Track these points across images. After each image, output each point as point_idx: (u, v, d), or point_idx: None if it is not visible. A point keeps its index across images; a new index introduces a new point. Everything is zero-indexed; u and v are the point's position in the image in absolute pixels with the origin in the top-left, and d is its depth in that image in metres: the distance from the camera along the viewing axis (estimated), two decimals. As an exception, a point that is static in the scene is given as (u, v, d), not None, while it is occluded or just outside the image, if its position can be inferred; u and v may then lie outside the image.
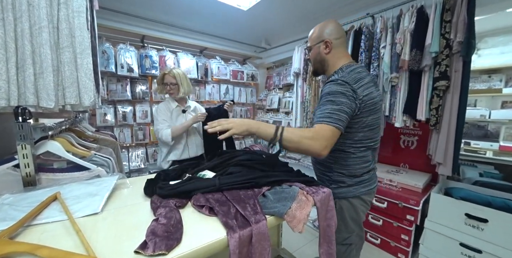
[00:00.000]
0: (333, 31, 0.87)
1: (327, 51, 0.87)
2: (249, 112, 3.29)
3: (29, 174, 0.78)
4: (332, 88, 0.77)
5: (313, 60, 0.94)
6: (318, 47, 0.89)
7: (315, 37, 0.90)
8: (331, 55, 0.88)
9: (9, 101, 0.78)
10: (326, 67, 0.91)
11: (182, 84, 1.48)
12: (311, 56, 0.95)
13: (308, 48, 0.95)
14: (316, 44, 0.89)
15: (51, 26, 0.84)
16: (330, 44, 0.86)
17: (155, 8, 2.11)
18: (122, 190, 0.73)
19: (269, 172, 0.75)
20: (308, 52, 0.96)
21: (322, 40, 0.87)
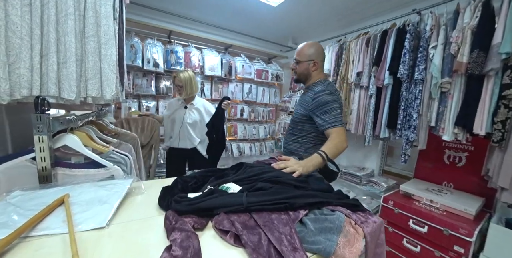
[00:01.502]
0: (320, 54, 1.14)
1: (314, 68, 1.12)
2: (272, 114, 3.17)
3: (44, 168, 0.74)
4: (327, 98, 1.03)
5: (299, 72, 1.16)
6: (307, 64, 1.12)
7: (306, 55, 1.12)
8: (315, 72, 1.14)
9: (31, 91, 0.74)
10: (309, 79, 1.16)
11: (185, 88, 1.68)
12: (298, 68, 1.16)
13: (296, 61, 1.16)
14: (306, 61, 1.12)
15: (77, 13, 0.79)
16: (317, 64, 1.12)
17: (184, 4, 2.08)
18: (135, 196, 0.65)
19: (306, 190, 0.63)
20: (296, 64, 1.17)
21: (312, 60, 1.11)
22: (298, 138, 1.13)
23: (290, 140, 1.17)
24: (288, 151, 1.18)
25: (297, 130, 1.13)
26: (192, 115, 1.76)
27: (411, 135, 1.57)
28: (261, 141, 3.12)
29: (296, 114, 1.13)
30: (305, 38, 2.74)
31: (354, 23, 2.15)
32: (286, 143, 1.21)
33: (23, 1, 0.70)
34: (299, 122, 1.12)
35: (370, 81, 1.83)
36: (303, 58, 1.12)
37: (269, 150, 3.18)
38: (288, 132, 1.21)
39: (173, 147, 1.79)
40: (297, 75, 1.17)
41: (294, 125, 1.16)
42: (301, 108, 1.11)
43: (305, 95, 1.13)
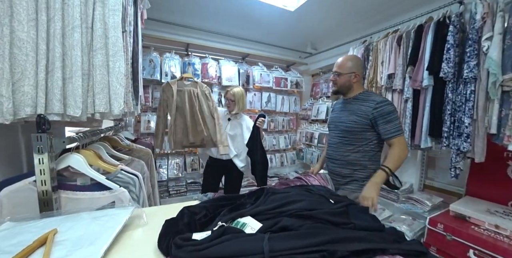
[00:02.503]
0: (360, 67, 1.18)
1: (355, 80, 1.16)
2: (292, 123, 3.00)
3: (45, 192, 0.68)
4: (390, 108, 1.07)
5: (341, 84, 1.18)
6: (349, 76, 1.16)
7: (347, 68, 1.16)
8: (356, 84, 1.18)
9: (36, 109, 0.70)
10: (350, 91, 1.19)
11: (238, 103, 1.72)
12: (339, 80, 1.18)
13: (337, 73, 1.18)
14: (348, 73, 1.15)
15: (84, 26, 0.75)
16: (358, 76, 1.16)
17: (200, 16, 2.09)
18: (134, 230, 0.54)
19: (347, 228, 0.47)
20: (336, 76, 1.18)
21: (353, 72, 1.15)
22: (358, 147, 1.13)
23: (347, 150, 1.15)
24: (346, 163, 1.15)
25: (356, 139, 1.13)
26: (233, 128, 1.79)
27: (463, 144, 1.31)
28: (282, 152, 2.96)
29: (351, 124, 1.12)
30: (326, 42, 2.60)
31: (381, 21, 1.96)
32: (341, 154, 1.17)
33: (29, 16, 0.67)
34: (359, 131, 1.12)
35: (404, 84, 1.61)
36: (344, 71, 1.16)
37: (291, 161, 2.99)
38: (339, 143, 1.18)
39: (211, 156, 1.83)
40: (338, 87, 1.20)
41: (350, 135, 1.14)
42: (359, 118, 1.11)
43: (355, 105, 1.14)
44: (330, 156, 1.24)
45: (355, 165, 1.13)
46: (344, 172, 1.16)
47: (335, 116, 1.25)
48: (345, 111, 1.18)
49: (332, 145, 1.23)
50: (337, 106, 1.29)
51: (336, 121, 1.22)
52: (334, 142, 1.21)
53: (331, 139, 1.25)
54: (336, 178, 1.20)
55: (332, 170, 1.22)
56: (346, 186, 1.16)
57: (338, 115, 1.22)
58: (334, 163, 1.20)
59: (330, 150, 1.24)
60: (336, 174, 1.20)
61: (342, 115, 1.18)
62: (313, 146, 2.70)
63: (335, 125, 1.22)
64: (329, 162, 1.24)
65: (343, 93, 1.22)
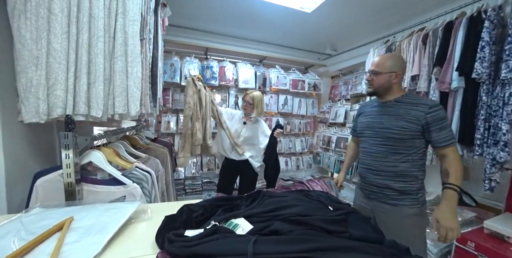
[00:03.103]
0: (402, 66, 1.06)
1: (396, 81, 1.03)
2: (309, 126, 2.94)
3: (70, 184, 0.76)
4: (443, 114, 0.96)
5: (378, 84, 1.05)
6: (389, 76, 1.02)
7: (388, 66, 1.02)
8: (396, 85, 1.04)
9: (65, 110, 0.79)
10: (389, 92, 1.06)
11: (257, 107, 1.74)
12: (376, 80, 1.04)
13: (375, 72, 1.04)
14: (388, 73, 1.02)
15: (107, 35, 0.84)
16: (399, 76, 1.03)
17: (218, 21, 2.16)
18: (139, 224, 0.59)
19: (340, 240, 0.45)
20: (373, 75, 1.05)
21: (395, 72, 1.02)
22: (407, 156, 0.99)
23: (395, 160, 1.00)
24: (395, 174, 1.01)
25: (405, 147, 0.99)
26: (250, 131, 1.82)
27: (499, 153, 1.17)
28: (298, 155, 2.91)
29: (399, 130, 0.98)
30: (346, 43, 2.51)
31: (405, 19, 1.84)
32: (387, 164, 1.02)
33: (62, 29, 0.77)
34: (408, 139, 0.98)
35: (430, 86, 1.49)
36: (384, 70, 1.03)
37: (307, 164, 2.92)
38: (383, 152, 1.03)
39: (227, 157, 1.85)
40: (374, 87, 1.06)
41: (398, 143, 1.00)
42: (408, 124, 0.97)
43: (401, 108, 1.00)
44: (369, 166, 1.08)
45: (406, 176, 0.99)
46: (394, 185, 1.00)
47: (371, 121, 1.09)
48: (387, 116, 1.03)
49: (372, 154, 1.07)
50: (370, 110, 1.14)
51: (375, 127, 1.06)
52: (376, 151, 1.05)
53: (370, 147, 1.08)
54: (380, 191, 1.04)
55: (374, 183, 1.05)
56: (398, 201, 1.00)
57: (376, 120, 1.07)
58: (378, 175, 1.04)
59: (368, 160, 1.08)
60: (380, 187, 1.04)
61: (383, 120, 1.04)
62: (330, 150, 2.61)
63: (374, 131, 1.06)
64: (369, 173, 1.08)
65: (379, 95, 1.09)
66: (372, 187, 1.08)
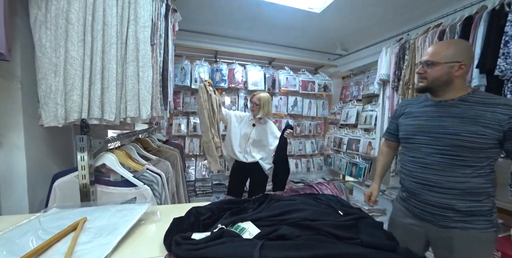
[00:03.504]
0: (470, 55, 0.86)
1: (459, 73, 0.82)
2: (320, 127, 2.89)
3: (85, 185, 0.79)
4: None
5: (434, 77, 0.85)
6: (449, 67, 0.83)
7: (447, 55, 0.83)
8: (460, 79, 0.84)
9: (81, 114, 0.83)
10: (450, 88, 0.85)
11: (263, 107, 1.74)
12: (431, 72, 0.86)
13: (429, 62, 0.85)
14: (447, 63, 0.82)
15: (119, 42, 0.87)
16: (464, 67, 0.82)
17: (227, 24, 2.19)
18: (148, 225, 0.60)
19: (350, 246, 0.43)
20: (426, 67, 0.87)
21: (458, 62, 0.81)
22: (479, 169, 0.80)
23: (464, 175, 0.81)
24: (463, 192, 0.82)
25: (477, 158, 0.79)
26: (259, 133, 1.82)
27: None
28: (308, 157, 2.86)
29: (474, 138, 0.78)
30: (357, 42, 2.46)
31: (420, 16, 1.77)
32: (451, 180, 0.82)
33: (79, 38, 0.81)
34: (484, 148, 0.78)
35: (448, 85, 1.41)
36: (441, 59, 0.82)
37: (318, 166, 2.87)
38: (447, 164, 0.83)
39: (238, 160, 1.85)
40: (428, 82, 0.87)
41: (469, 153, 0.80)
42: (486, 130, 0.77)
43: (471, 110, 0.81)
44: (425, 181, 0.87)
45: (478, 194, 0.80)
46: (460, 206, 0.81)
47: (425, 124, 0.88)
48: (451, 118, 0.83)
49: (428, 165, 0.86)
50: (419, 110, 0.93)
51: (433, 131, 0.86)
52: (435, 162, 0.84)
53: (425, 156, 0.87)
54: (441, 212, 0.84)
55: (432, 202, 0.85)
56: (466, 223, 0.81)
57: (434, 123, 0.86)
58: (439, 192, 0.84)
59: (423, 173, 0.87)
60: (441, 207, 0.84)
61: (447, 124, 0.83)
62: (341, 152, 2.55)
63: (432, 137, 0.86)
64: (424, 190, 0.87)
65: (434, 92, 0.89)
66: (427, 206, 0.87)
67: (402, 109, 1.02)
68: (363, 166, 2.25)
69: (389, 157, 1.15)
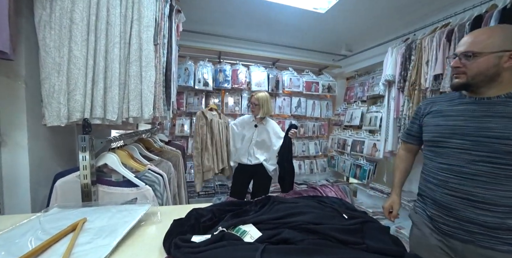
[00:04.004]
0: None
1: (509, 64, 0.68)
2: (323, 128, 2.87)
3: (86, 185, 0.79)
4: None
5: (479, 71, 0.71)
6: (497, 57, 0.69)
7: (495, 43, 0.69)
8: (510, 70, 0.69)
9: (83, 114, 0.83)
10: (496, 83, 0.71)
11: (262, 107, 1.75)
12: (473, 65, 0.71)
13: (471, 53, 0.71)
14: (493, 53, 0.69)
15: (122, 42, 0.87)
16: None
17: (231, 25, 2.19)
18: (149, 226, 0.59)
19: (356, 252, 0.42)
20: (465, 59, 0.73)
21: (507, 50, 0.68)
22: None
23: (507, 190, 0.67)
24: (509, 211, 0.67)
25: None
26: (261, 134, 1.82)
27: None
28: (312, 159, 2.83)
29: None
30: (362, 43, 2.43)
31: (427, 16, 1.74)
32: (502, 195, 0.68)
33: (82, 37, 0.81)
34: None
35: (456, 86, 1.38)
36: (486, 49, 0.69)
37: (321, 168, 2.83)
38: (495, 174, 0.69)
39: (241, 163, 1.85)
40: (469, 77, 0.73)
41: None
42: None
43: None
44: (466, 194, 0.73)
45: None
46: (509, 223, 0.67)
47: (461, 125, 0.75)
48: (498, 119, 0.69)
49: (470, 175, 0.72)
50: (452, 108, 0.80)
51: (473, 134, 0.72)
52: (480, 172, 0.71)
53: (464, 164, 0.73)
54: (486, 232, 0.70)
55: (476, 220, 0.71)
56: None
57: (474, 124, 0.73)
58: (485, 209, 0.70)
59: (463, 184, 0.73)
60: (487, 227, 0.70)
61: (492, 125, 0.70)
62: (345, 154, 2.52)
63: (472, 142, 0.72)
64: (464, 205, 0.73)
65: (475, 88, 0.74)
66: (466, 224, 0.72)
67: (428, 108, 0.88)
68: (368, 168, 2.21)
69: (409, 162, 1.01)
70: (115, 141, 0.89)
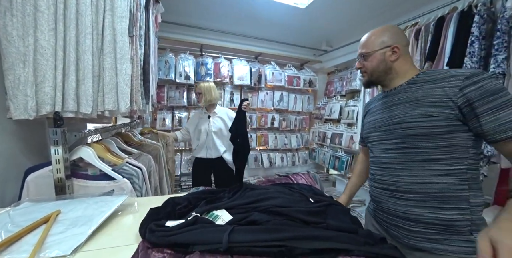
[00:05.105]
0: (400, 36, 0.76)
1: (393, 58, 0.75)
2: (305, 122, 2.96)
3: (60, 179, 0.78)
4: (496, 85, 0.58)
5: (372, 69, 0.78)
6: (382, 54, 0.76)
7: (377, 43, 0.76)
8: (398, 63, 0.76)
9: (54, 107, 0.80)
10: (393, 75, 0.77)
11: (204, 95, 1.75)
12: (367, 64, 0.79)
13: (364, 54, 0.78)
14: (379, 50, 0.76)
15: (95, 33, 0.84)
16: (398, 50, 0.74)
17: (213, 18, 2.15)
18: (126, 216, 0.61)
19: (316, 229, 0.47)
20: (363, 60, 0.80)
21: (389, 46, 0.75)
22: (446, 165, 0.62)
23: (426, 172, 0.64)
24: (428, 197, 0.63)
25: (438, 148, 0.62)
26: (216, 123, 1.80)
27: (486, 147, 1.19)
28: (294, 151, 2.93)
29: (419, 121, 0.64)
30: (341, 39, 2.51)
31: (399, 15, 1.84)
32: (413, 181, 0.65)
33: (49, 26, 0.77)
34: (442, 133, 0.61)
35: (422, 82, 1.50)
36: (373, 47, 0.75)
37: (303, 160, 2.95)
38: (404, 159, 0.68)
39: (199, 157, 1.82)
40: (368, 75, 0.79)
41: (425, 142, 0.64)
42: (435, 109, 0.62)
43: (417, 91, 0.68)
44: (383, 184, 0.73)
45: (451, 200, 0.61)
46: (429, 216, 0.62)
47: (379, 118, 0.78)
48: (399, 105, 0.71)
49: (385, 165, 0.73)
50: (375, 105, 0.84)
51: (385, 124, 0.74)
52: (391, 160, 0.71)
53: (381, 154, 0.75)
54: (405, 225, 0.67)
55: (395, 211, 0.69)
56: (437, 244, 0.61)
57: (386, 114, 0.75)
58: (397, 197, 0.68)
59: (381, 174, 0.74)
60: (405, 219, 0.66)
61: (395, 113, 0.71)
62: (325, 146, 2.63)
63: (385, 131, 0.74)
64: (385, 195, 0.72)
65: (382, 83, 0.80)
66: (391, 217, 0.70)
67: (366, 109, 0.92)
68: (345, 159, 2.34)
69: (363, 164, 0.98)
70: (90, 134, 0.87)
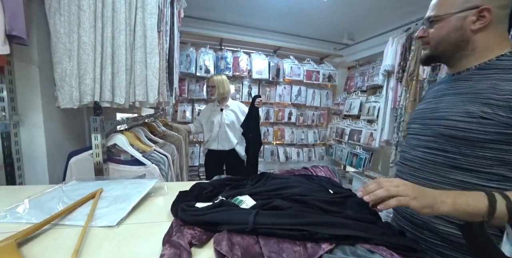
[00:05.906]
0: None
1: (477, 26, 0.51)
2: (323, 117, 2.92)
3: (98, 162, 0.87)
4: None
5: (440, 38, 0.56)
6: (460, 19, 0.52)
7: (458, 1, 0.52)
8: (483, 35, 0.51)
9: (93, 97, 0.89)
10: (466, 52, 0.54)
11: (217, 88, 1.77)
12: (435, 32, 0.56)
13: (432, 18, 0.56)
14: (457, 14, 0.52)
15: (128, 29, 0.90)
16: (489, 14, 0.49)
17: (233, 11, 2.17)
18: (157, 197, 0.67)
19: (336, 217, 0.49)
20: (429, 26, 0.57)
21: (475, 7, 0.50)
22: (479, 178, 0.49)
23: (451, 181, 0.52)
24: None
25: (476, 158, 0.48)
26: (229, 116, 1.83)
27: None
28: (310, 147, 2.92)
29: (463, 121, 0.50)
30: (364, 32, 2.41)
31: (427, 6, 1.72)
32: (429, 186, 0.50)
33: (90, 24, 0.84)
34: (492, 142, 0.47)
35: (452, 77, 1.41)
36: (449, 9, 0.53)
37: (319, 156, 2.93)
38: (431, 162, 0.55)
39: (212, 149, 1.86)
40: (432, 47, 0.58)
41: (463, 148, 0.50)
42: (487, 108, 0.47)
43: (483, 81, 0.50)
44: None
45: None
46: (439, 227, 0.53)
47: (425, 107, 0.63)
48: (448, 97, 0.56)
49: (408, 162, 0.62)
50: (433, 90, 0.65)
51: (427, 117, 0.60)
52: (415, 158, 0.60)
53: (409, 150, 0.63)
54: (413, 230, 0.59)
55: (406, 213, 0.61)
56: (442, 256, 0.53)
57: (432, 105, 0.60)
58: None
59: (403, 173, 0.63)
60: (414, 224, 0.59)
61: (439, 106, 0.57)
62: (343, 142, 2.59)
63: (423, 125, 0.60)
64: None
65: (446, 61, 0.60)
66: (404, 221, 0.62)
67: (424, 95, 0.72)
68: (364, 156, 2.29)
69: None
70: (123, 123, 0.95)
